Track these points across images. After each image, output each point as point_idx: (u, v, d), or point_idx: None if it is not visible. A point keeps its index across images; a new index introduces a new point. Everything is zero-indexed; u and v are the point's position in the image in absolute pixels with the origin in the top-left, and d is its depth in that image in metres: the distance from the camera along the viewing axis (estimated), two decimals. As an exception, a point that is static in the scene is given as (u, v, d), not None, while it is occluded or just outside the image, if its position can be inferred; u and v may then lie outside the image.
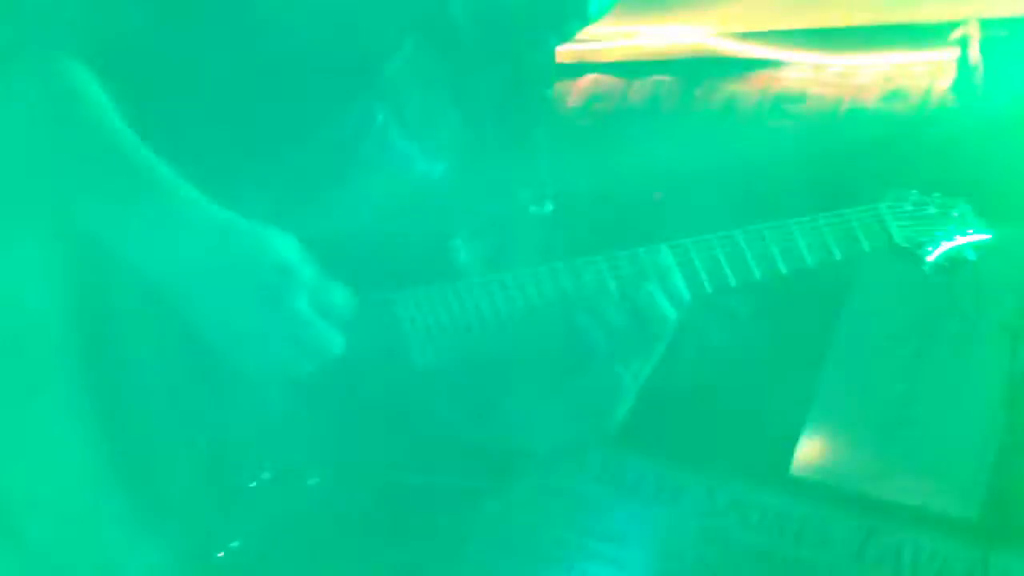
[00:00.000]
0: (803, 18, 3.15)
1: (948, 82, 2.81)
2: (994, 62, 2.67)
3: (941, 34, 2.78)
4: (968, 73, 2.72)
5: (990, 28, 2.69)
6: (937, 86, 2.88)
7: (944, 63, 2.85)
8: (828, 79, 3.09)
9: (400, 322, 1.52)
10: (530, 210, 1.73)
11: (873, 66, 3.03)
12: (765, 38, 3.26)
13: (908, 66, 2.98)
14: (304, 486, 1.50)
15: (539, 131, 1.79)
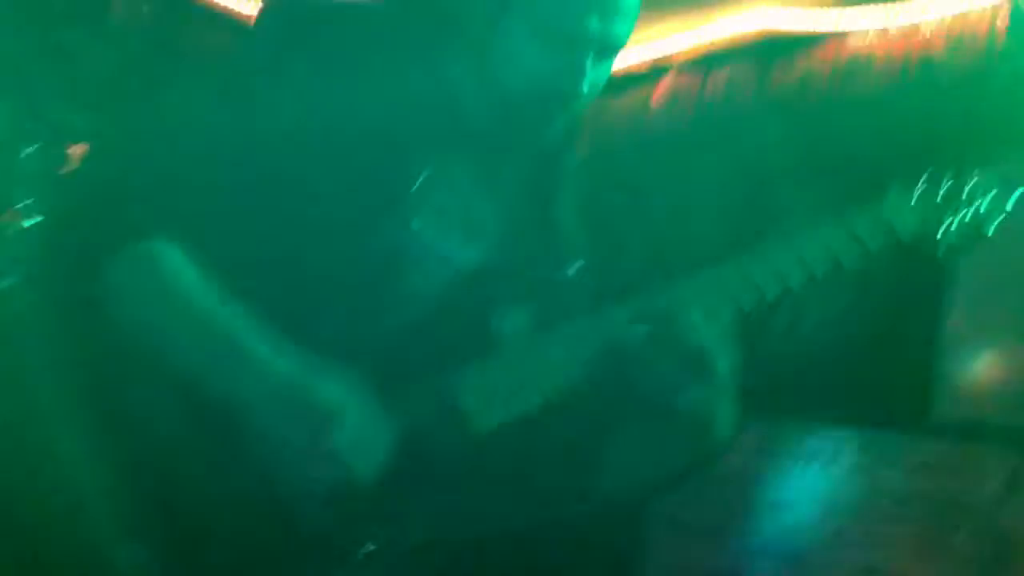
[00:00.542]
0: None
1: (1006, 22, 2.91)
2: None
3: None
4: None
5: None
6: (999, 27, 2.96)
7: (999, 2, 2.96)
8: (893, 41, 3.18)
9: (460, 399, 1.65)
10: (565, 268, 1.83)
11: (932, 21, 3.13)
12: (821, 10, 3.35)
13: (966, 14, 3.07)
14: (408, 551, 1.66)
15: (566, 195, 1.88)
